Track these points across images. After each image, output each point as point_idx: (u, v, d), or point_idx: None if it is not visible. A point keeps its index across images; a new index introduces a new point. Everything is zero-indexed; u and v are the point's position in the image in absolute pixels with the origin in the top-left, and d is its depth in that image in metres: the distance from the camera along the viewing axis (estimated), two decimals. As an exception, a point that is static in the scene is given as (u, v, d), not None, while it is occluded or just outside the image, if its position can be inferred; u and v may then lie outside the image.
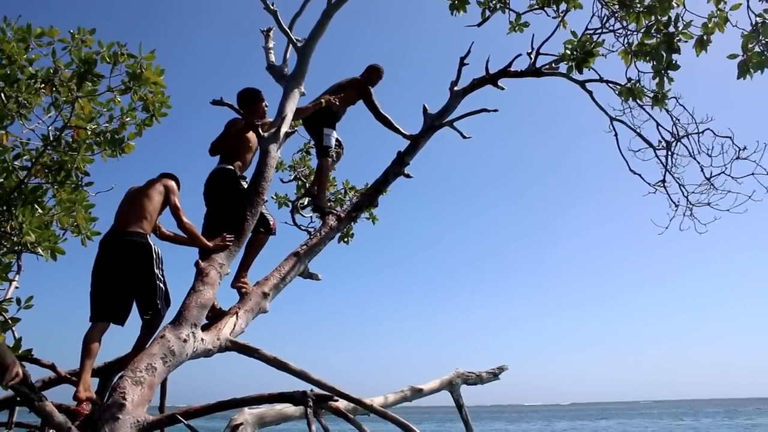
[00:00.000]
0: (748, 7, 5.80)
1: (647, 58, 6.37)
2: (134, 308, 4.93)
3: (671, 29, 6.19)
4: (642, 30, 6.39)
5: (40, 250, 4.98)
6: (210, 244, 5.20)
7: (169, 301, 5.06)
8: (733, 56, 5.88)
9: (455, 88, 6.70)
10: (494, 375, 8.89)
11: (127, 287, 4.82)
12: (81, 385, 4.47)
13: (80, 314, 4.88)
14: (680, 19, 6.16)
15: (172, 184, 5.17)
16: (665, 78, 6.31)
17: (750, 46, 5.81)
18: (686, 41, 6.21)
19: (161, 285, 4.93)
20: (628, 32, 6.53)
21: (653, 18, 6.26)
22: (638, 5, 6.27)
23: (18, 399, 3.86)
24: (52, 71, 4.60)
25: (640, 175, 7.04)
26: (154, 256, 4.87)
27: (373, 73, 6.96)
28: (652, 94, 6.55)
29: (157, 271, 4.88)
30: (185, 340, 4.53)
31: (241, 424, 5.78)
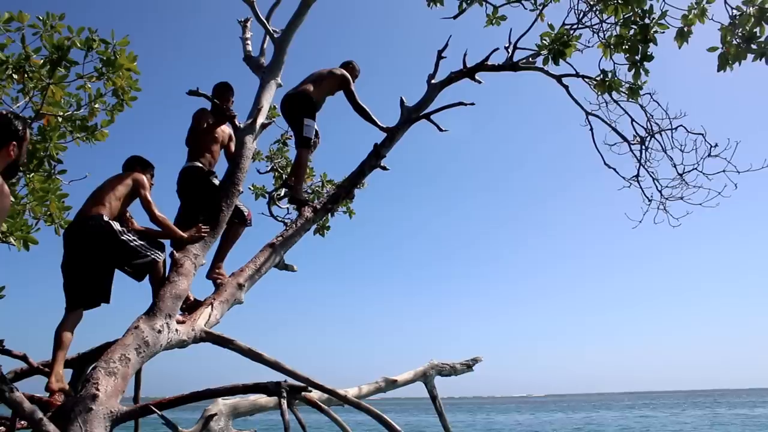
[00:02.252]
0: (725, 0, 5.88)
1: (624, 49, 6.41)
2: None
3: (647, 21, 6.23)
4: (620, 22, 6.42)
5: (12, 240, 4.93)
6: (185, 234, 5.18)
7: (162, 245, 5.03)
8: (713, 49, 5.95)
9: (433, 81, 6.70)
10: (468, 366, 8.92)
11: (100, 266, 4.75)
12: (53, 376, 4.43)
13: (54, 304, 4.82)
14: (656, 10, 6.20)
15: (141, 177, 5.02)
16: (641, 70, 6.36)
17: (728, 39, 5.89)
18: (662, 32, 6.26)
19: (138, 242, 4.83)
20: (606, 26, 6.57)
21: (630, 10, 6.30)
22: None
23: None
24: (23, 57, 4.54)
25: (614, 170, 7.12)
26: (115, 229, 4.72)
27: (353, 69, 6.92)
28: (627, 86, 6.59)
29: (124, 237, 4.75)
30: (159, 331, 4.52)
31: (215, 414, 5.76)
